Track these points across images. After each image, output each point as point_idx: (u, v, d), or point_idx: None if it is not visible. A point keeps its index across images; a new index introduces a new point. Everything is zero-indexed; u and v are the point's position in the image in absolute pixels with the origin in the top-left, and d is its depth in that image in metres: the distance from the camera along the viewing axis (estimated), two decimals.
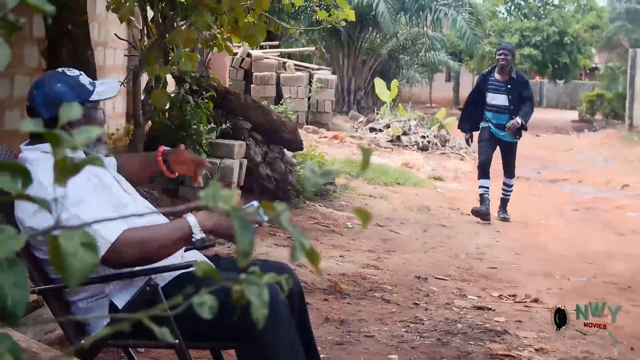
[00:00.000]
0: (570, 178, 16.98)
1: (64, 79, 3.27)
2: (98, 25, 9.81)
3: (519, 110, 10.62)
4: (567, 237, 10.09)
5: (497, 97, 10.74)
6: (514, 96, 10.67)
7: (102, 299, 3.21)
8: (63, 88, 3.24)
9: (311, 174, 1.20)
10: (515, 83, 10.73)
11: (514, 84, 10.71)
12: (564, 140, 27.22)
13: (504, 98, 10.71)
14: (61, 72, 3.32)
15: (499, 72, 10.76)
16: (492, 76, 10.85)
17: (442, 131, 19.91)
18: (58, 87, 3.24)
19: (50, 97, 3.21)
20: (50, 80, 3.27)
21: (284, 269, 3.56)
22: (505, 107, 10.70)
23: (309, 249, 1.16)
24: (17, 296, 1.12)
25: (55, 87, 3.23)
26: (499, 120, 10.74)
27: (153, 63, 6.41)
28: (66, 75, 3.30)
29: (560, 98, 52.43)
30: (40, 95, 3.23)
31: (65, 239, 1.13)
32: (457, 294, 6.88)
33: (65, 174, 1.14)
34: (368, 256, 8.00)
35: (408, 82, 30.51)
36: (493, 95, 10.77)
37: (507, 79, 10.71)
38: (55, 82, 3.25)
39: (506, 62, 10.61)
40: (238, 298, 1.21)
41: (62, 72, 3.33)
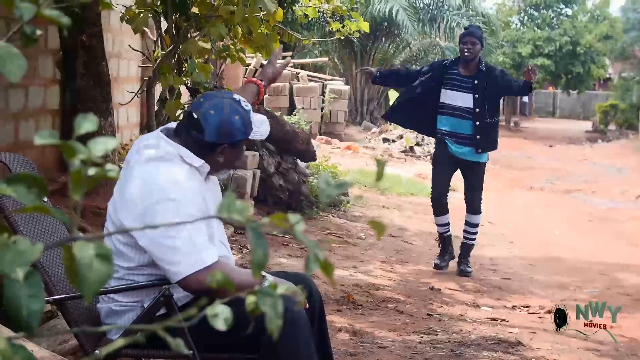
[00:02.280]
0: (584, 189, 16.93)
1: (242, 113, 3.28)
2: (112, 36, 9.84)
3: (487, 116, 7.77)
4: (581, 248, 10.05)
5: (458, 97, 7.75)
6: (482, 95, 7.70)
7: (137, 306, 3.25)
8: (239, 123, 3.26)
9: (325, 185, 1.20)
10: (484, 78, 7.74)
11: (483, 80, 7.73)
12: (577, 151, 27.16)
13: (467, 98, 7.74)
14: (239, 103, 3.31)
15: (463, 65, 7.84)
16: (454, 68, 7.88)
17: None
18: (235, 120, 3.25)
19: (225, 125, 3.24)
20: (230, 110, 3.26)
21: (306, 280, 3.57)
22: (469, 110, 7.72)
23: (323, 261, 1.16)
24: (32, 307, 1.12)
25: (233, 119, 3.25)
26: (459, 128, 7.78)
27: (167, 74, 6.42)
28: (244, 108, 3.30)
29: (574, 108, 52.35)
30: (216, 119, 3.24)
31: (80, 249, 1.13)
32: (470, 305, 6.86)
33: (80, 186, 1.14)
34: (381, 267, 7.99)
35: None
36: (452, 94, 7.78)
37: (475, 73, 7.78)
38: (235, 113, 3.25)
39: (472, 54, 7.73)
40: (252, 310, 1.21)
41: (239, 103, 3.31)
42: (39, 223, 3.41)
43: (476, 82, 7.73)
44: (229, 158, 3.34)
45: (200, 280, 3.05)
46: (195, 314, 1.22)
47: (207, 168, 3.32)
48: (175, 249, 3.05)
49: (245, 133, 3.30)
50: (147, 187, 3.10)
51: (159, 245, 3.07)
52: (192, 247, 3.06)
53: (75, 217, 1.17)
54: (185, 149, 3.25)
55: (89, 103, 7.24)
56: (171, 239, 3.05)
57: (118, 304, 3.28)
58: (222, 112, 3.24)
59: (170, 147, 3.25)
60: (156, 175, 3.13)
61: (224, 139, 3.25)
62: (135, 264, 3.20)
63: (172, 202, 3.06)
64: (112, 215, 3.22)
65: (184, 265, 3.05)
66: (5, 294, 1.11)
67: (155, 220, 3.02)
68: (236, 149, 3.35)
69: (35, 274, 1.13)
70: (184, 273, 3.05)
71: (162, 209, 3.05)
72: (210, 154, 3.28)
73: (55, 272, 3.29)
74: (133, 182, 3.13)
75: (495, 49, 29.17)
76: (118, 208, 3.18)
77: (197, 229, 3.09)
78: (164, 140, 3.28)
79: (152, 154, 3.23)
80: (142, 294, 3.25)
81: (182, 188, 3.11)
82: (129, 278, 3.22)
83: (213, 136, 3.23)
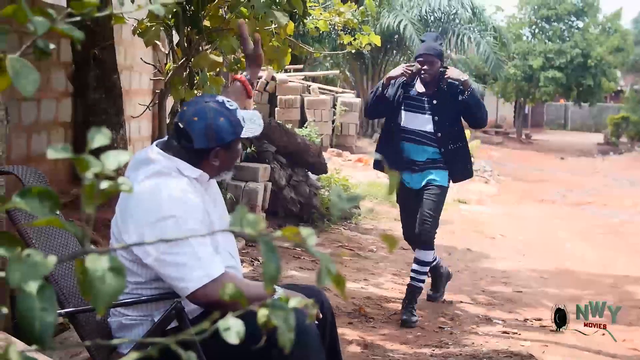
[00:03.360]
0: (595, 201, 16.89)
1: (227, 114, 3.29)
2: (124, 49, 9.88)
3: (448, 141, 6.68)
4: (594, 261, 10.01)
5: (416, 119, 6.68)
6: (443, 118, 6.64)
7: (147, 320, 3.25)
8: (225, 124, 3.27)
9: (337, 198, 1.20)
10: (446, 97, 6.66)
11: (444, 99, 6.66)
12: (589, 163, 27.11)
13: (426, 120, 6.66)
14: (222, 104, 3.33)
15: (422, 81, 6.72)
16: (411, 86, 6.78)
17: None
18: (221, 122, 3.26)
19: (211, 129, 3.25)
20: (213, 113, 3.28)
21: (318, 293, 3.56)
22: (429, 135, 6.64)
23: (335, 274, 1.16)
24: (45, 320, 1.13)
25: (218, 122, 3.26)
26: (417, 155, 6.66)
27: (178, 86, 6.44)
28: (228, 109, 3.31)
29: (585, 121, 52.30)
30: (201, 125, 3.25)
31: (93, 262, 1.13)
32: (482, 317, 6.84)
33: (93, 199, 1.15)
34: (393, 279, 7.98)
35: None
36: (409, 116, 6.69)
37: (434, 91, 6.69)
38: (219, 115, 3.27)
39: (430, 75, 6.63)
40: (264, 323, 1.21)
41: (223, 104, 3.33)
42: (51, 236, 3.42)
43: (435, 102, 6.65)
44: (224, 160, 3.35)
45: (208, 293, 3.05)
46: (207, 327, 1.22)
47: (205, 178, 3.33)
48: (180, 265, 3.05)
49: (234, 133, 3.30)
50: (147, 206, 3.10)
51: (163, 263, 3.07)
52: (197, 262, 3.06)
53: (87, 230, 1.18)
54: (182, 161, 3.26)
55: (101, 116, 7.27)
56: (175, 255, 3.05)
57: (128, 318, 3.28)
58: (206, 117, 3.26)
59: (166, 161, 3.26)
60: (155, 192, 3.12)
61: (213, 142, 3.26)
62: (144, 279, 3.20)
63: (172, 219, 3.05)
64: (116, 234, 3.22)
65: (190, 280, 3.05)
66: (19, 307, 1.11)
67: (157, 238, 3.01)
68: (230, 150, 3.36)
69: (49, 287, 1.14)
70: (191, 288, 3.05)
71: (163, 227, 3.04)
72: (205, 160, 3.29)
73: (67, 285, 3.30)
74: (133, 201, 3.13)
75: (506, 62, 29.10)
76: (120, 227, 3.18)
77: (200, 242, 3.09)
78: (160, 154, 3.29)
79: (150, 169, 3.23)
80: (151, 307, 3.25)
81: (182, 203, 3.11)
82: (137, 292, 3.22)
83: (202, 142, 3.25)
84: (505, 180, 19.77)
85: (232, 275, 3.19)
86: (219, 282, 3.04)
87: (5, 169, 3.51)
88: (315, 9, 8.34)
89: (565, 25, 41.63)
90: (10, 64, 1.20)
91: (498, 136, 38.56)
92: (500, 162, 24.49)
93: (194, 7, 6.09)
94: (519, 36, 41.06)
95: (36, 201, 1.17)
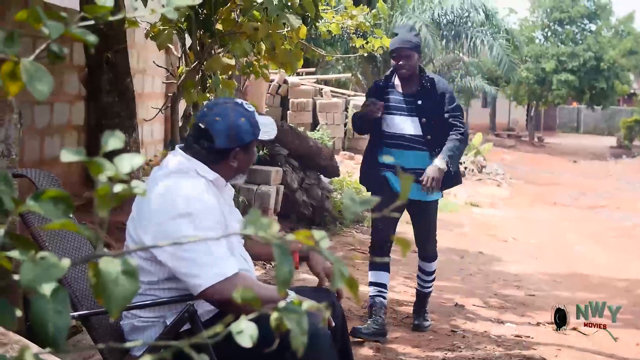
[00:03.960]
0: (608, 204, 16.84)
1: (247, 115, 3.35)
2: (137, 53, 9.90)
3: (439, 143, 6.07)
4: (606, 264, 9.98)
5: (400, 122, 6.12)
6: (430, 117, 6.09)
7: (160, 322, 3.25)
8: (246, 125, 3.32)
9: (350, 202, 1.20)
10: (430, 95, 6.13)
11: (429, 98, 6.12)
12: (601, 167, 27.04)
13: (411, 123, 6.11)
14: (241, 106, 3.38)
15: (401, 82, 6.20)
16: (391, 87, 6.25)
17: (479, 157, 19.85)
18: (241, 122, 3.32)
19: (232, 130, 3.30)
20: (235, 114, 3.33)
21: (329, 296, 3.56)
22: (416, 138, 6.09)
23: (348, 278, 1.16)
24: (59, 323, 1.13)
25: (239, 122, 3.31)
26: (405, 161, 6.04)
27: (191, 90, 6.45)
28: (247, 110, 3.37)
29: (598, 124, 52.20)
30: (223, 125, 3.30)
31: (106, 265, 1.14)
32: (494, 321, 6.83)
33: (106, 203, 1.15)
34: (405, 283, 7.97)
35: None
36: (393, 119, 6.13)
37: (417, 90, 6.15)
38: (239, 116, 3.32)
39: (409, 70, 6.11)
40: (277, 326, 1.22)
41: (242, 106, 3.38)
42: (64, 239, 3.43)
43: (420, 103, 6.11)
44: (242, 161, 3.40)
45: (221, 291, 3.05)
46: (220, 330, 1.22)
47: (222, 181, 3.36)
48: (194, 261, 3.07)
49: (254, 134, 3.35)
50: (164, 202, 3.12)
51: (178, 259, 3.09)
52: (211, 259, 3.07)
53: (100, 234, 1.18)
54: (200, 163, 3.30)
55: (114, 119, 7.29)
56: (190, 252, 3.07)
57: (140, 319, 3.29)
58: (228, 117, 3.30)
59: (186, 161, 3.31)
60: (172, 190, 3.15)
61: (234, 143, 3.31)
62: (157, 278, 3.21)
63: (189, 216, 3.08)
64: (132, 232, 3.24)
65: (203, 277, 3.06)
66: (32, 310, 1.12)
67: (173, 235, 3.04)
68: (248, 152, 3.41)
69: (62, 290, 1.14)
70: (204, 285, 3.06)
71: (179, 224, 3.07)
72: (224, 160, 3.33)
73: (79, 288, 3.31)
74: (150, 198, 3.15)
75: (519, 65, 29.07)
76: (137, 224, 3.20)
77: (216, 241, 3.11)
78: (181, 155, 3.33)
79: (169, 168, 3.28)
80: (164, 309, 3.26)
81: (198, 201, 3.13)
82: (150, 293, 3.23)
83: (224, 142, 3.30)
84: (517, 183, 19.74)
85: (245, 275, 3.20)
86: (232, 281, 3.06)
87: (18, 172, 3.53)
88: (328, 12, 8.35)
89: (578, 28, 41.56)
90: (24, 68, 1.21)
91: (510, 139, 38.50)
92: (513, 165, 24.45)
93: (207, 11, 6.11)
94: (531, 39, 41.02)
95: (50, 204, 1.18)
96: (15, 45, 1.22)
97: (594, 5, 41.43)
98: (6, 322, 1.17)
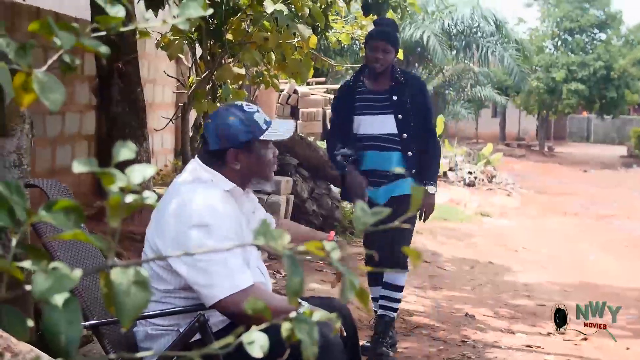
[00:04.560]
0: (619, 214, 16.78)
1: (238, 114, 3.31)
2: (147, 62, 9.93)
3: (412, 143, 5.62)
4: (617, 274, 9.95)
5: (374, 122, 5.64)
6: (406, 114, 5.60)
7: (174, 330, 3.26)
8: (235, 123, 3.29)
9: (361, 213, 1.20)
10: (405, 90, 5.65)
11: (404, 94, 5.64)
12: (612, 176, 26.96)
13: (386, 121, 5.62)
14: (237, 106, 3.36)
15: (372, 77, 5.70)
16: (361, 83, 5.76)
17: (489, 167, 19.83)
18: (230, 121, 3.28)
19: (221, 129, 3.29)
20: (224, 113, 3.32)
21: (340, 306, 3.56)
22: (392, 137, 5.62)
23: (359, 289, 1.16)
24: (71, 333, 1.13)
25: (227, 121, 3.29)
26: (381, 165, 5.60)
27: (201, 99, 6.48)
28: (242, 110, 3.34)
29: (608, 133, 52.08)
30: (212, 126, 3.31)
31: (118, 276, 1.14)
32: (505, 331, 6.81)
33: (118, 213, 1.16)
34: (415, 292, 7.96)
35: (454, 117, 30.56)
36: (365, 120, 5.66)
37: (391, 86, 5.66)
38: (229, 115, 3.30)
39: (384, 65, 5.62)
40: (288, 336, 1.22)
41: (238, 106, 3.36)
42: (75, 248, 3.44)
43: (395, 99, 5.62)
44: (245, 163, 3.34)
45: (235, 303, 3.04)
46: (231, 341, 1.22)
47: (239, 191, 3.34)
48: (209, 272, 3.06)
49: (250, 132, 3.30)
50: (181, 212, 3.12)
51: (193, 269, 3.08)
52: (226, 271, 3.06)
53: (112, 244, 1.18)
54: (216, 172, 3.29)
55: (124, 129, 7.30)
56: (205, 262, 3.07)
57: (155, 327, 3.28)
58: (216, 118, 3.31)
59: (202, 171, 3.31)
60: (190, 199, 3.15)
61: (225, 143, 3.28)
62: (173, 287, 3.21)
63: (204, 227, 3.08)
64: (150, 239, 3.24)
65: (218, 288, 3.05)
66: (44, 320, 1.12)
67: (189, 244, 3.04)
68: (249, 152, 3.33)
69: (74, 300, 1.15)
70: (219, 296, 3.06)
71: (194, 234, 3.06)
72: (223, 162, 3.31)
73: (90, 297, 3.31)
74: (169, 206, 3.15)
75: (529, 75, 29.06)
76: (155, 232, 3.21)
77: (232, 253, 3.10)
78: (198, 164, 3.34)
79: (186, 176, 3.28)
80: (179, 317, 3.25)
81: (215, 212, 3.12)
82: (166, 301, 3.23)
83: (215, 143, 3.29)
84: (527, 192, 19.69)
85: (260, 287, 3.19)
86: (247, 294, 3.04)
87: (30, 181, 3.54)
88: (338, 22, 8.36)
89: (588, 37, 41.49)
90: (37, 79, 1.21)
91: (520, 149, 38.45)
92: (523, 174, 24.40)
93: (217, 21, 6.13)
94: (541, 48, 40.96)
95: (62, 215, 1.18)
96: (28, 56, 1.23)
97: (604, 15, 41.37)
98: (18, 332, 1.18)
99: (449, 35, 24.20)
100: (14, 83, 1.24)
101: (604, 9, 41.51)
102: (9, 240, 4.00)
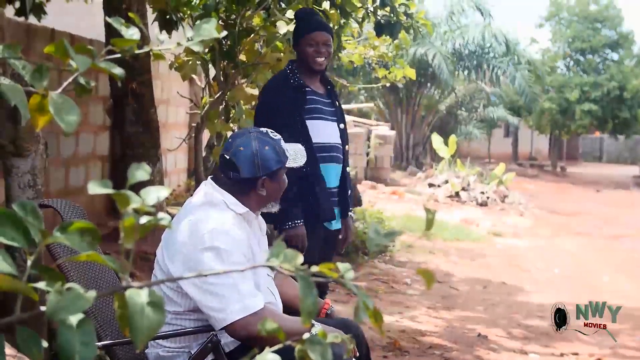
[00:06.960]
0: (632, 234, 16.70)
1: (272, 144, 3.35)
2: (161, 83, 9.98)
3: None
4: (631, 294, 9.90)
5: (326, 128, 4.88)
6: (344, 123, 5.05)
7: (185, 352, 3.25)
8: (270, 153, 3.32)
9: (375, 234, 1.21)
10: (337, 97, 5.12)
11: (337, 99, 5.09)
12: (625, 196, 26.86)
13: (333, 130, 4.94)
14: (266, 134, 3.39)
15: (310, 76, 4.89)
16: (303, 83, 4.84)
17: (501, 187, 19.79)
18: (266, 151, 3.32)
19: (257, 158, 3.30)
20: (259, 142, 3.33)
21: (353, 326, 3.56)
22: (340, 147, 5.00)
23: (372, 310, 1.17)
24: (85, 354, 1.14)
25: (263, 150, 3.31)
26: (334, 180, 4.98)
27: (214, 120, 6.50)
28: (272, 139, 3.37)
29: (621, 153, 51.98)
30: (247, 153, 3.31)
31: (132, 297, 1.14)
32: (518, 352, 6.78)
33: (132, 234, 1.16)
34: (427, 313, 7.94)
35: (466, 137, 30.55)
36: (317, 126, 4.81)
37: (327, 90, 5.00)
38: (264, 144, 3.32)
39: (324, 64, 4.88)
40: (301, 358, 1.22)
41: (267, 134, 3.39)
42: (89, 268, 3.45)
43: (337, 105, 5.01)
44: (271, 190, 3.38)
45: (245, 326, 3.04)
46: None
47: (252, 215, 3.35)
48: (220, 296, 3.06)
49: (280, 161, 3.34)
50: (191, 235, 3.13)
51: (203, 293, 3.09)
52: (237, 295, 3.06)
53: (126, 265, 1.19)
54: (230, 196, 3.30)
55: (138, 149, 7.32)
56: (216, 286, 3.07)
57: (166, 349, 3.29)
58: (252, 146, 3.30)
59: (216, 194, 3.30)
60: (202, 222, 3.15)
61: (260, 171, 3.31)
62: (183, 309, 3.21)
63: (215, 250, 3.08)
64: (160, 261, 3.24)
65: (228, 312, 3.05)
66: (59, 341, 1.12)
67: (198, 267, 3.04)
68: (276, 180, 3.38)
69: (88, 321, 1.15)
70: (229, 320, 3.06)
71: (205, 257, 3.07)
72: (252, 190, 3.32)
73: (103, 317, 3.32)
74: (180, 229, 3.16)
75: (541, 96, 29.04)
76: (165, 254, 3.21)
77: (242, 276, 3.10)
78: (212, 187, 3.33)
79: (199, 199, 3.29)
80: (189, 339, 3.26)
81: (227, 236, 3.13)
82: (176, 323, 3.23)
83: (249, 172, 3.29)
84: (540, 213, 19.63)
85: (271, 309, 3.19)
86: (258, 317, 3.04)
87: (44, 202, 3.55)
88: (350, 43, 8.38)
89: (600, 57, 41.44)
90: (52, 101, 1.22)
91: (533, 169, 38.35)
92: (536, 194, 24.34)
93: (230, 42, 6.15)
94: (553, 69, 40.92)
95: (77, 236, 1.19)
96: (44, 78, 1.24)
97: (616, 35, 41.33)
98: (33, 353, 1.18)
99: (460, 55, 24.23)
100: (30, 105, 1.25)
101: (615, 28, 41.47)
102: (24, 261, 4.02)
